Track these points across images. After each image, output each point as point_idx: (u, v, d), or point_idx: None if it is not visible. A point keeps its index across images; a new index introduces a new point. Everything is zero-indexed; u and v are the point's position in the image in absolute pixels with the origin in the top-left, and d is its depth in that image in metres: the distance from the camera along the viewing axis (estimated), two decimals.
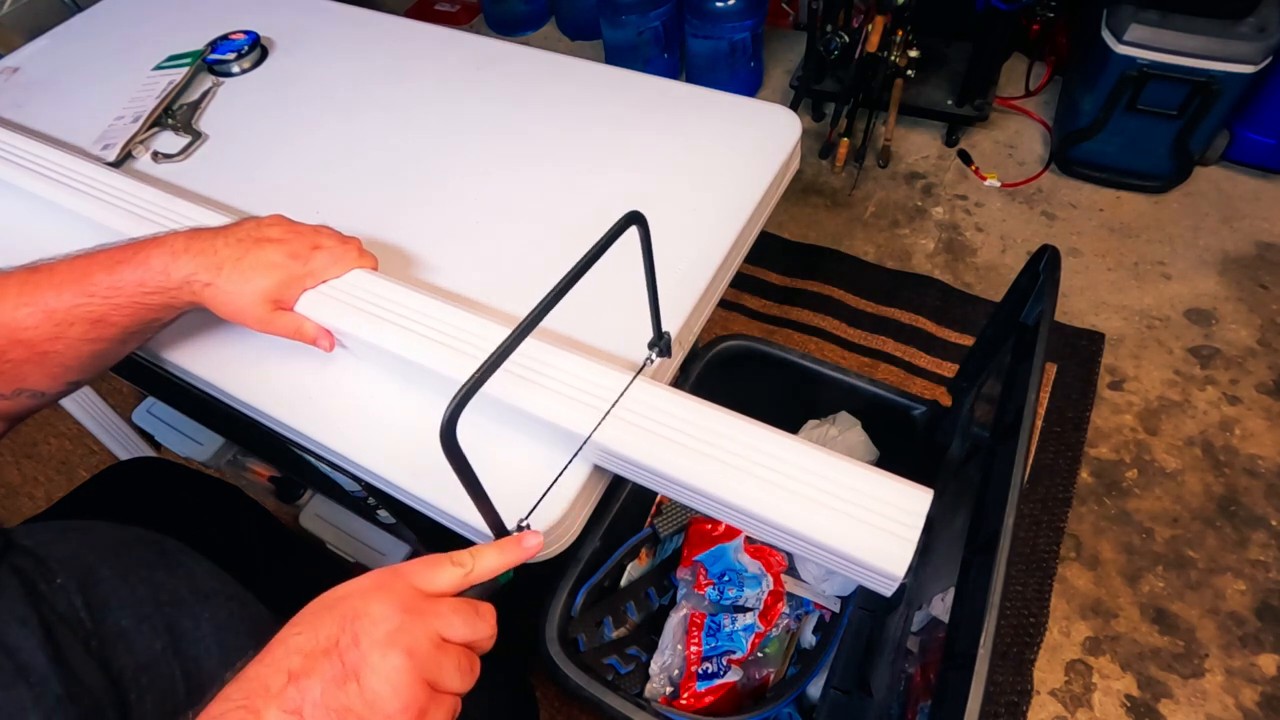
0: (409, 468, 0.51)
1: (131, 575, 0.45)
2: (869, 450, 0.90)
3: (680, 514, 0.90)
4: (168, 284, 0.48)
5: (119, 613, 0.43)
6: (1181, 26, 1.38)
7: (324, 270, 0.53)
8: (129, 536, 0.49)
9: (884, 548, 0.41)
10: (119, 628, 0.42)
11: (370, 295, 0.54)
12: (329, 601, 0.34)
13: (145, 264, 0.48)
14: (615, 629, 0.81)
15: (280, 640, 0.33)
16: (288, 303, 0.52)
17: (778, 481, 0.43)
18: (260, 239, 0.51)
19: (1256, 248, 1.52)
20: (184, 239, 0.50)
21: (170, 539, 0.50)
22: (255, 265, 0.50)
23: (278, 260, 0.51)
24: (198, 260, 0.49)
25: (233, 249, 0.50)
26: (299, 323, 0.52)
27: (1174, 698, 1.03)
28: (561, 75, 0.81)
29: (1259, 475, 1.22)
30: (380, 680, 0.31)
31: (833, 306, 1.51)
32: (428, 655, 0.32)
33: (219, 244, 0.50)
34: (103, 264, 0.48)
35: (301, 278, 0.52)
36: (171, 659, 0.43)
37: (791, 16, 2.14)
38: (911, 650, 0.67)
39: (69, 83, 0.87)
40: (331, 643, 0.32)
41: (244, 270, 0.49)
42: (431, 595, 0.35)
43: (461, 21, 2.36)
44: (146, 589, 0.45)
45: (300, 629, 0.33)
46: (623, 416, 0.47)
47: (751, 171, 0.68)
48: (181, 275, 0.49)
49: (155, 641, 0.43)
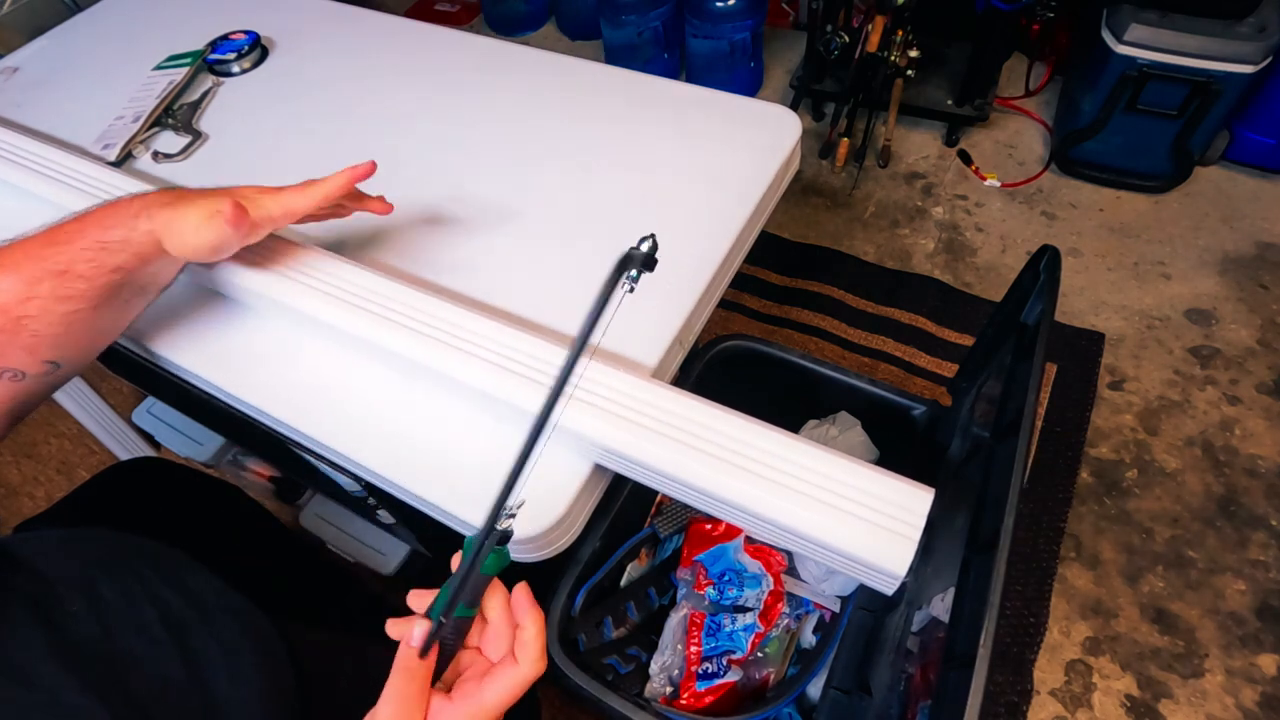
0: (409, 467, 0.51)
1: (137, 593, 0.45)
2: (869, 450, 0.90)
3: (680, 514, 0.90)
4: (128, 212, 0.49)
5: (128, 636, 0.42)
6: (1181, 26, 1.38)
7: (255, 195, 0.52)
8: (130, 549, 0.48)
9: (886, 546, 0.41)
10: (131, 652, 0.41)
11: (371, 294, 0.54)
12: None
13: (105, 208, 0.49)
14: (615, 629, 0.81)
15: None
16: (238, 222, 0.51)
17: (780, 480, 0.43)
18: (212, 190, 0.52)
19: (1256, 248, 1.52)
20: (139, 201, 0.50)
21: (172, 549, 0.50)
22: (200, 194, 0.51)
23: (221, 191, 0.51)
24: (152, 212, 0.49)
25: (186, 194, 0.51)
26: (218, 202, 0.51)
27: (1174, 698, 1.03)
28: (561, 75, 0.81)
29: (1259, 475, 1.22)
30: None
31: (833, 306, 1.51)
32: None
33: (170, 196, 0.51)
34: (67, 228, 0.49)
35: (245, 194, 0.52)
36: (187, 683, 0.42)
37: (791, 16, 2.14)
38: (911, 650, 0.67)
39: (69, 83, 0.87)
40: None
41: (191, 199, 0.50)
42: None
43: (461, 21, 2.36)
44: (154, 609, 0.44)
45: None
46: (623, 415, 0.47)
47: (751, 171, 0.68)
48: (139, 203, 0.49)
49: (170, 666, 0.42)
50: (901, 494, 0.43)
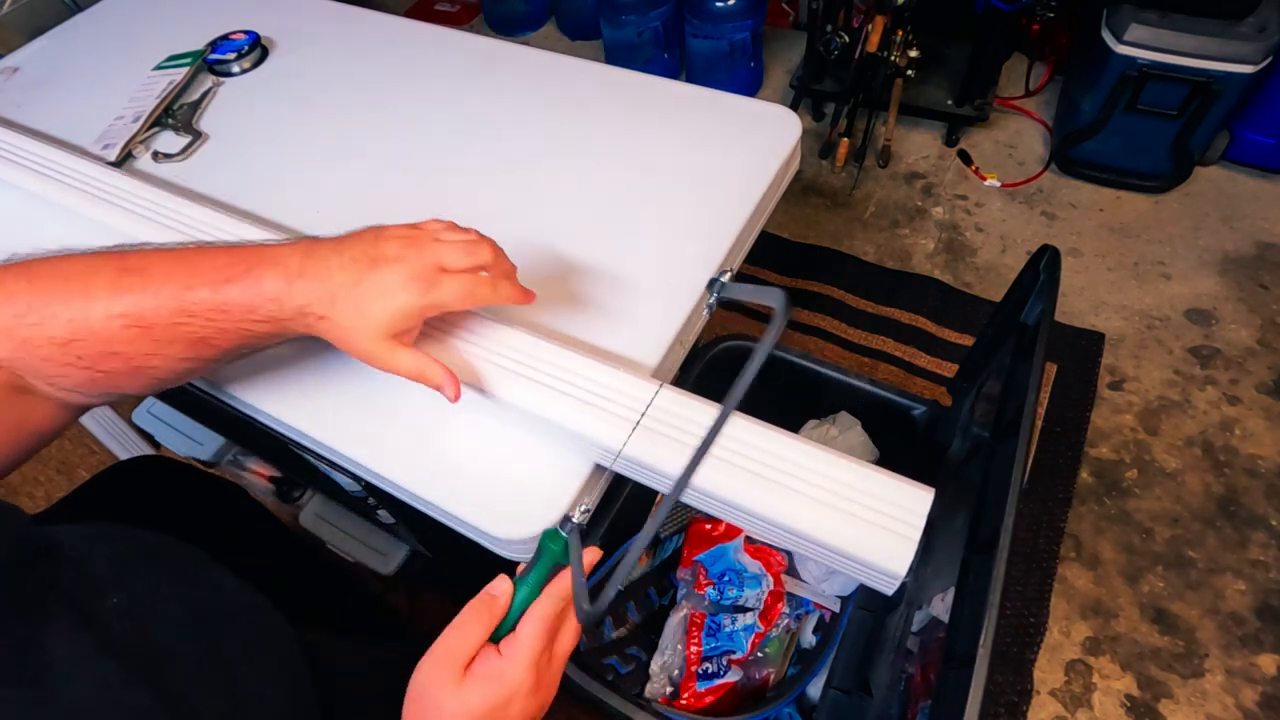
0: (409, 467, 0.51)
1: (165, 589, 0.44)
2: (869, 450, 0.90)
3: (680, 514, 0.90)
4: (280, 314, 0.43)
5: (160, 630, 0.41)
6: (1181, 26, 1.38)
7: (450, 302, 0.45)
8: (155, 545, 0.47)
9: (886, 546, 0.41)
10: (163, 648, 0.40)
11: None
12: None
13: (256, 286, 0.42)
14: (615, 629, 0.81)
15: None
16: (410, 336, 0.46)
17: (779, 480, 0.43)
18: (376, 258, 0.44)
19: (1256, 248, 1.52)
20: (299, 257, 0.44)
21: (192, 546, 0.49)
22: (370, 294, 0.43)
23: (395, 286, 0.43)
24: (312, 287, 0.43)
25: (347, 272, 0.43)
26: (422, 366, 0.45)
27: (1174, 698, 1.03)
28: (561, 75, 0.81)
29: (1259, 475, 1.22)
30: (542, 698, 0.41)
31: (833, 306, 1.51)
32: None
33: (334, 265, 0.43)
34: (207, 277, 0.43)
35: (424, 307, 0.44)
36: (216, 681, 0.42)
37: (791, 16, 2.14)
38: (911, 650, 0.67)
39: (69, 83, 0.87)
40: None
41: (358, 300, 0.43)
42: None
43: (461, 21, 2.36)
44: (181, 605, 0.43)
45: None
46: (623, 415, 0.47)
47: (751, 171, 0.68)
48: (295, 305, 0.43)
49: (200, 663, 0.42)
50: (901, 494, 0.43)
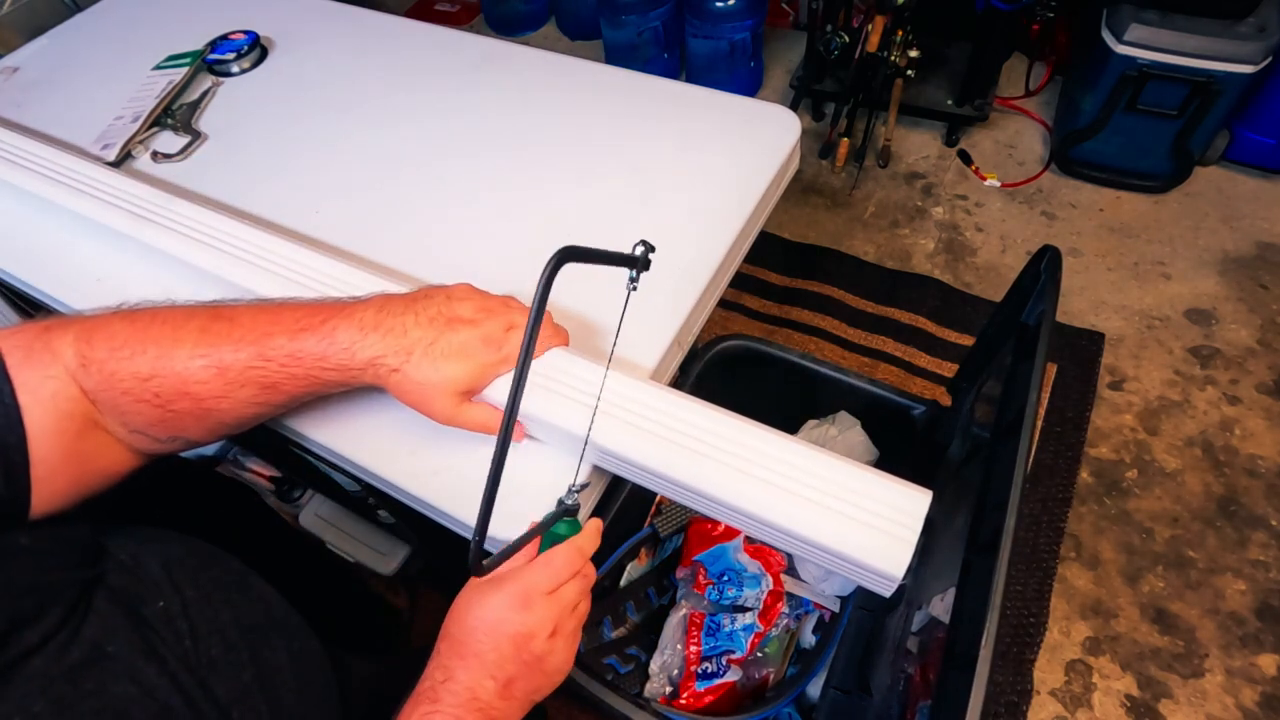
0: (408, 467, 0.51)
1: (215, 598, 0.43)
2: (869, 450, 0.90)
3: (680, 514, 0.90)
4: (351, 363, 0.44)
5: (208, 638, 0.41)
6: (1181, 26, 1.38)
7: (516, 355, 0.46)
8: (202, 553, 0.47)
9: (883, 549, 0.41)
10: (210, 657, 0.40)
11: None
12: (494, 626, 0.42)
13: (330, 336, 0.44)
14: (615, 629, 0.81)
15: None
16: (477, 391, 0.48)
17: (777, 482, 0.43)
18: (452, 319, 0.46)
19: (1256, 248, 1.52)
20: (374, 312, 0.45)
21: (235, 558, 0.48)
22: (447, 352, 0.45)
23: (472, 346, 0.45)
24: (386, 341, 0.44)
25: (424, 330, 0.45)
26: (488, 417, 0.47)
27: (1174, 698, 1.03)
28: (561, 75, 0.81)
29: (1259, 475, 1.22)
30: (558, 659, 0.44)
31: (833, 306, 1.51)
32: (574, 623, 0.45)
33: (409, 322, 0.45)
34: (286, 326, 0.45)
35: (495, 365, 0.46)
36: (257, 693, 0.41)
37: (791, 16, 2.14)
38: (911, 650, 0.67)
39: (69, 83, 0.87)
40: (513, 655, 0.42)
41: (435, 358, 0.44)
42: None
43: (461, 21, 2.36)
44: (229, 614, 0.43)
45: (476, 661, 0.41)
46: (622, 417, 0.47)
47: (751, 171, 0.68)
48: (367, 356, 0.44)
49: (244, 673, 0.41)
50: (899, 496, 0.43)
